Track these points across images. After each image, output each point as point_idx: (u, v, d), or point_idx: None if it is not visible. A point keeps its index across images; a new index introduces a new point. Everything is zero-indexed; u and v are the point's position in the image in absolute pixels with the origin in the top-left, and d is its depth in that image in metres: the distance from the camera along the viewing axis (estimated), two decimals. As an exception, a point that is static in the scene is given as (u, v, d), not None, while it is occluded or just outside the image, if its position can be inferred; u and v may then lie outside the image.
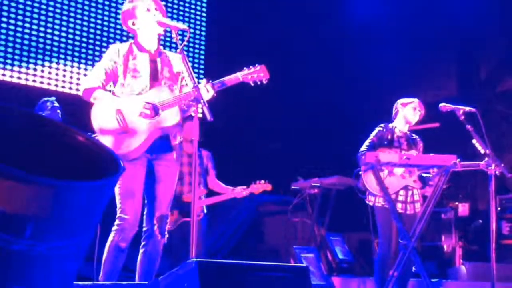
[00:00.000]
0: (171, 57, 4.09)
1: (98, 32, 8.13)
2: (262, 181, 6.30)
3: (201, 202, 6.19)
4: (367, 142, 5.21)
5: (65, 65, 7.85)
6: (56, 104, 5.64)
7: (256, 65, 3.96)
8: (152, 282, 3.68)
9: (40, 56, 7.65)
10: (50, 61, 7.74)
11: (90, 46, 8.06)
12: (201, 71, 9.06)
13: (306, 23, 9.71)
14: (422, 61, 9.56)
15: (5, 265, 1.65)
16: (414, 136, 5.41)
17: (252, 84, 3.95)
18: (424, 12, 9.42)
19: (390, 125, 5.33)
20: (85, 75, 7.70)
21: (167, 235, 3.97)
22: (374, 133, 5.27)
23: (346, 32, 9.73)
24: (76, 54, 7.94)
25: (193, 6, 9.15)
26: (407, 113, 5.31)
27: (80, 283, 3.32)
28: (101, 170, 1.82)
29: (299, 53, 9.68)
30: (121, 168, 1.81)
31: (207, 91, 3.79)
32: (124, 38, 8.03)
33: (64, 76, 7.83)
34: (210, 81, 3.85)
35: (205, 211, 6.18)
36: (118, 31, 8.17)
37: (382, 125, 5.32)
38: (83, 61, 7.97)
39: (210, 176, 6.39)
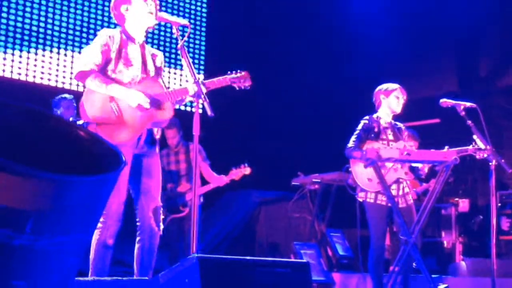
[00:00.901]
0: (153, 52, 4.10)
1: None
2: (242, 166, 6.33)
3: (187, 196, 6.26)
4: (353, 137, 5.08)
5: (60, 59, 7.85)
6: (75, 104, 5.63)
7: (239, 70, 4.02)
8: (153, 278, 3.68)
9: (40, 51, 7.64)
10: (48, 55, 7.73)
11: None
12: (202, 67, 9.05)
13: (306, 20, 9.70)
14: (422, 57, 9.56)
15: (7, 260, 1.65)
16: (399, 124, 5.26)
17: (237, 89, 4.02)
18: (424, 8, 9.40)
19: (375, 116, 5.18)
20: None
21: (162, 227, 3.98)
22: (359, 126, 5.13)
23: (345, 29, 9.71)
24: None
25: (193, 2, 9.14)
26: (391, 102, 5.15)
27: (80, 278, 3.32)
28: (103, 164, 1.81)
29: (300, 50, 9.67)
30: (122, 163, 1.80)
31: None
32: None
33: (61, 71, 7.83)
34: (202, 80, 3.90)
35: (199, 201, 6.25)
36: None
37: (366, 117, 5.18)
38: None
39: (202, 168, 6.42)
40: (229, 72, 4.01)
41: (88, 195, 1.75)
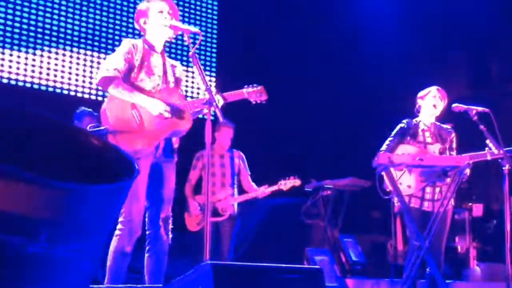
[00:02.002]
0: (172, 62, 4.17)
1: (109, 30, 8.17)
2: (291, 177, 6.27)
3: (226, 201, 6.18)
4: (387, 141, 5.08)
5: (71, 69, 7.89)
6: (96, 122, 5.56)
7: (255, 85, 4.13)
8: (166, 285, 3.69)
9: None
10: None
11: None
12: (213, 74, 9.07)
13: (318, 25, 9.70)
14: (434, 61, 9.53)
15: (21, 267, 1.66)
16: (445, 126, 5.23)
17: (253, 103, 4.13)
18: (435, 11, 9.38)
19: (414, 120, 5.19)
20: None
21: (171, 235, 4.00)
22: (395, 130, 5.14)
23: (358, 33, 9.70)
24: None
25: (204, 10, 9.17)
26: (428, 103, 5.15)
27: (94, 286, 3.33)
28: (116, 173, 1.82)
29: (313, 55, 9.66)
30: (136, 171, 1.82)
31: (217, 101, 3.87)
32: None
33: (76, 79, 7.87)
34: (220, 92, 3.98)
35: (235, 210, 6.22)
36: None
37: (404, 120, 5.18)
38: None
39: (243, 177, 6.38)
40: (245, 86, 4.12)
41: (101, 203, 1.76)
